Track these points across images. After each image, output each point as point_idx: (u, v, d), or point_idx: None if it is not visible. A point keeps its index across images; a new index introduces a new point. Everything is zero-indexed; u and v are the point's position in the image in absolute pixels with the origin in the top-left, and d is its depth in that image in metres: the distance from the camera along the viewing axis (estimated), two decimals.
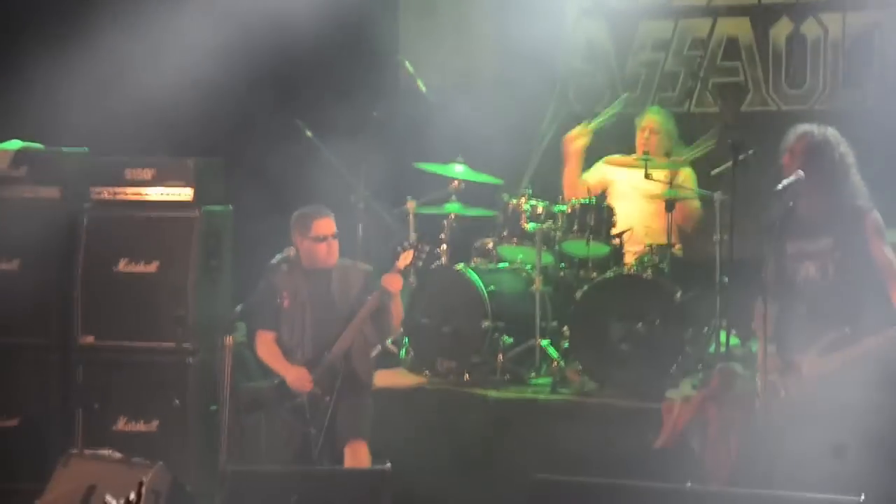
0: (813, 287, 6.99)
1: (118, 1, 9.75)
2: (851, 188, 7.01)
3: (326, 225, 7.86)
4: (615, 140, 9.96)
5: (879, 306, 6.88)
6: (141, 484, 3.62)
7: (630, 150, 9.77)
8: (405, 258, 7.81)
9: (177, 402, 8.60)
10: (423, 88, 9.88)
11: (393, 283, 7.75)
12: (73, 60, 9.39)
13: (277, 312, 7.88)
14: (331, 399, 7.75)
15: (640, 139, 9.68)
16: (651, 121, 9.68)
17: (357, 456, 7.79)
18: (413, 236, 8.71)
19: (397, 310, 7.94)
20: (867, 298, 6.93)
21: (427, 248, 8.01)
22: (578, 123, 10.08)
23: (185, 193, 8.99)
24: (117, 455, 7.63)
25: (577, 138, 9.73)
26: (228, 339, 7.77)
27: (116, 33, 9.59)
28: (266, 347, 7.94)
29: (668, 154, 9.62)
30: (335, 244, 7.88)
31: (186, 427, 8.66)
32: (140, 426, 8.83)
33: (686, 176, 9.49)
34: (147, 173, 9.03)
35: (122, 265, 8.95)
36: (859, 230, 6.91)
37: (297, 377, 7.78)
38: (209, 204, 9.08)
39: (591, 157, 9.91)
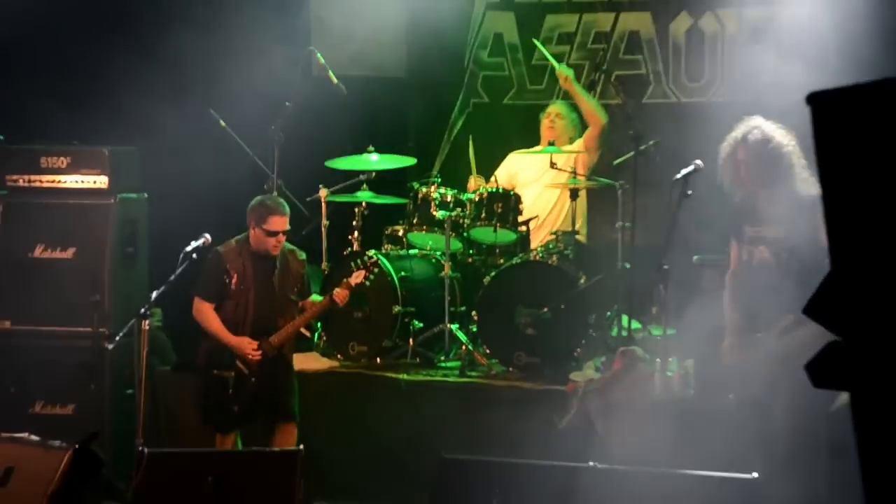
0: (768, 270, 7.07)
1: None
2: (800, 179, 7.08)
3: (281, 223, 8.09)
4: (521, 134, 10.05)
5: None
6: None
7: (535, 143, 9.85)
8: (357, 277, 8.25)
9: (93, 386, 8.55)
10: (335, 80, 9.78)
11: (341, 298, 8.20)
12: None
13: (222, 288, 8.05)
14: (256, 381, 8.00)
15: (544, 126, 9.75)
16: (555, 109, 9.78)
17: (287, 437, 8.01)
18: (366, 257, 8.93)
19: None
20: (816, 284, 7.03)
21: (377, 270, 8.55)
22: (487, 114, 10.14)
23: (100, 181, 8.99)
24: (34, 438, 7.56)
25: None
26: (144, 324, 7.67)
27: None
28: (207, 315, 8.06)
29: (571, 141, 9.68)
30: (283, 238, 8.14)
31: (102, 410, 8.62)
32: (57, 409, 8.83)
33: (584, 161, 9.53)
34: (62, 161, 9.01)
35: (39, 251, 8.93)
36: (812, 219, 6.90)
37: (241, 343, 8.00)
38: (125, 192, 9.07)
39: (498, 152, 9.98)
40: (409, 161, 9.80)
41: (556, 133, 9.65)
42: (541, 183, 9.66)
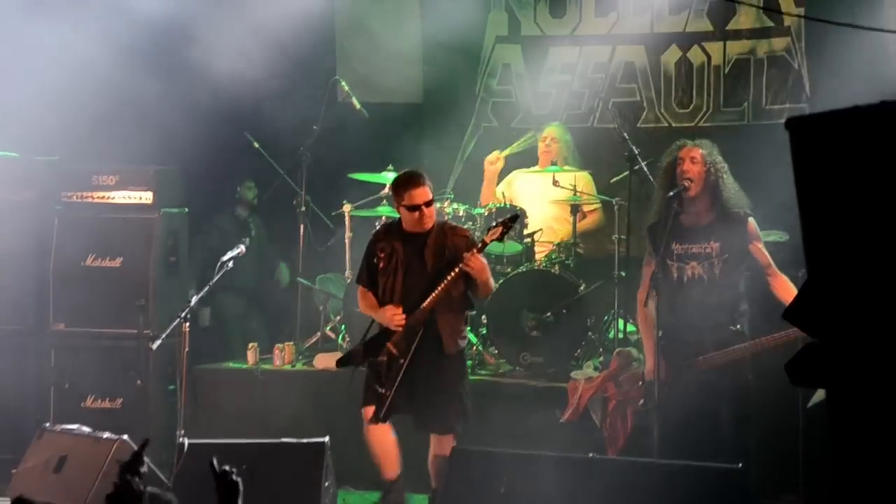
0: (698, 286, 6.96)
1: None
2: (730, 197, 7.00)
3: (420, 194, 7.01)
4: (525, 155, 9.99)
5: (760, 303, 6.97)
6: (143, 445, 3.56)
7: (533, 163, 9.83)
8: (493, 234, 7.01)
9: (139, 382, 8.53)
10: (358, 105, 9.81)
11: (470, 261, 6.89)
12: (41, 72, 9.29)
13: (372, 271, 7.21)
14: (404, 361, 7.00)
15: (541, 148, 9.72)
16: (551, 132, 9.73)
17: (440, 446, 7.12)
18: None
19: (483, 283, 7.08)
20: (747, 295, 6.99)
21: (511, 223, 7.17)
22: (496, 137, 10.18)
23: (146, 197, 9.03)
24: (86, 429, 7.60)
25: (495, 162, 9.70)
26: (185, 326, 7.65)
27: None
28: (362, 299, 7.33)
29: (566, 162, 9.65)
30: (429, 211, 7.06)
31: (147, 404, 8.60)
32: (106, 404, 8.85)
33: (585, 181, 9.49)
34: (111, 179, 9.04)
35: (90, 260, 8.96)
36: (743, 234, 6.93)
37: (389, 313, 7.04)
38: (167, 207, 9.09)
39: (504, 171, 9.92)
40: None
41: (552, 155, 9.63)
42: (543, 200, 9.59)
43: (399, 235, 7.11)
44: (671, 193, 6.99)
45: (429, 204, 7.03)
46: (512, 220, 7.05)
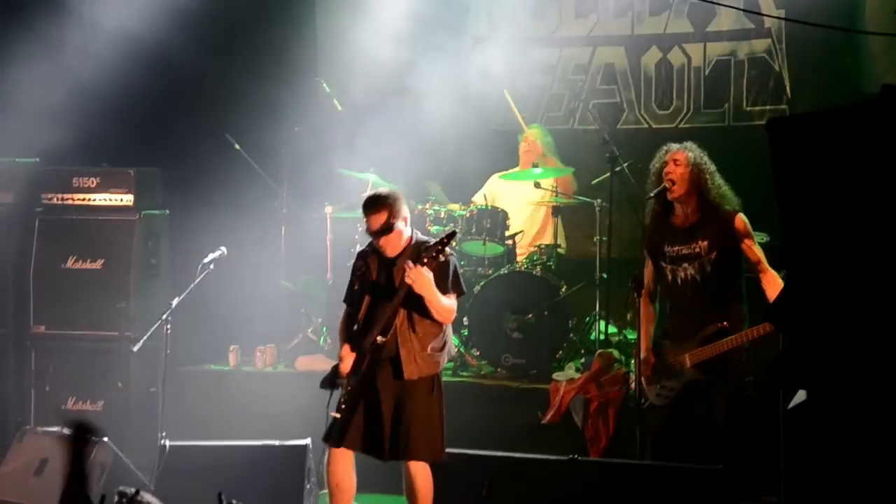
0: (691, 286, 6.97)
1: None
2: (717, 196, 7.00)
3: (373, 221, 6.47)
4: (501, 157, 10.00)
5: (750, 300, 6.96)
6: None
7: (513, 165, 9.82)
8: (433, 252, 6.37)
9: (119, 384, 8.52)
10: (339, 107, 9.82)
11: (410, 274, 6.29)
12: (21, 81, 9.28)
13: (351, 291, 6.77)
14: (352, 387, 6.47)
15: (522, 149, 9.71)
16: (532, 133, 9.73)
17: (411, 473, 6.55)
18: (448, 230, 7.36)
19: (429, 301, 6.41)
20: (739, 292, 6.99)
21: (447, 241, 6.42)
22: (477, 139, 10.14)
23: (126, 199, 9.00)
24: (66, 432, 7.55)
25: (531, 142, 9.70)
26: (166, 329, 7.65)
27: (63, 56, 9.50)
28: (340, 322, 6.85)
29: (548, 163, 9.62)
30: (388, 239, 6.47)
31: (128, 407, 8.59)
32: (87, 406, 8.80)
33: (567, 180, 9.50)
34: (92, 181, 9.01)
35: (70, 263, 8.92)
36: (732, 231, 6.93)
37: (342, 354, 6.60)
38: (148, 209, 9.07)
39: (479, 174, 9.92)
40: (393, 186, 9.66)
41: (534, 156, 9.61)
42: (525, 201, 9.60)
43: (377, 255, 6.61)
44: (651, 195, 7.04)
45: (381, 232, 6.45)
46: (449, 236, 6.42)
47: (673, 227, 7.05)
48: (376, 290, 6.57)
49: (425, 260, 6.28)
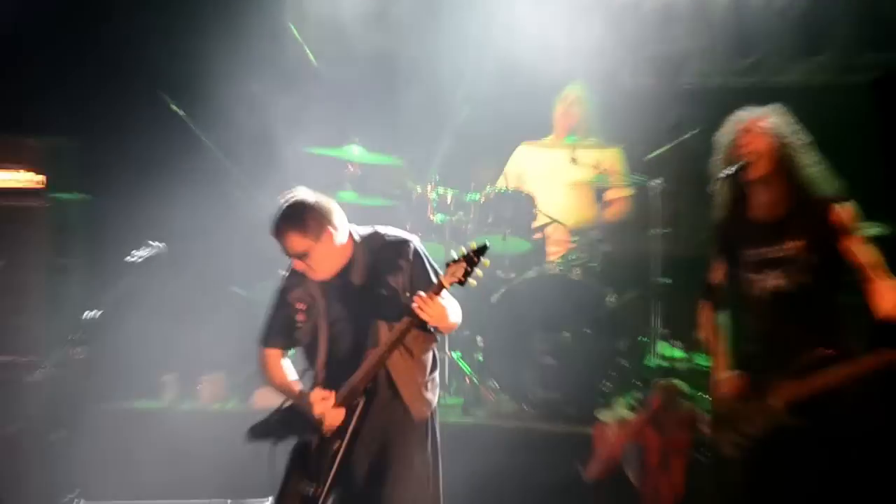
0: (782, 301, 6.72)
1: None
2: (812, 178, 6.75)
3: (287, 244, 6.32)
4: (528, 125, 9.93)
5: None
6: None
7: (546, 132, 9.81)
8: (453, 273, 6.20)
9: (15, 427, 8.42)
10: (314, 59, 9.79)
11: (424, 310, 6.11)
12: None
13: (288, 328, 6.63)
14: (341, 444, 6.31)
15: (559, 113, 9.72)
16: (572, 93, 9.72)
17: None
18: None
19: (447, 328, 6.37)
20: (843, 307, 6.75)
21: (477, 259, 6.24)
22: (497, 101, 10.04)
23: (30, 179, 8.94)
24: None
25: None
26: (78, 351, 7.55)
27: None
28: (271, 371, 6.71)
29: (588, 133, 9.60)
30: (313, 262, 6.28)
31: (26, 457, 8.45)
32: None
33: (613, 159, 9.48)
34: None
35: None
36: (829, 226, 6.65)
37: (316, 400, 6.35)
38: (60, 192, 9.05)
39: (501, 145, 9.91)
40: (396, 162, 9.71)
41: (573, 120, 9.63)
42: (559, 181, 9.54)
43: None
44: (723, 175, 6.82)
45: (304, 255, 6.25)
46: (479, 252, 6.19)
47: (753, 222, 6.84)
48: (336, 318, 6.41)
49: (446, 284, 6.14)
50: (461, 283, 6.14)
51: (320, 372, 6.37)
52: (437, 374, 6.55)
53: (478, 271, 6.11)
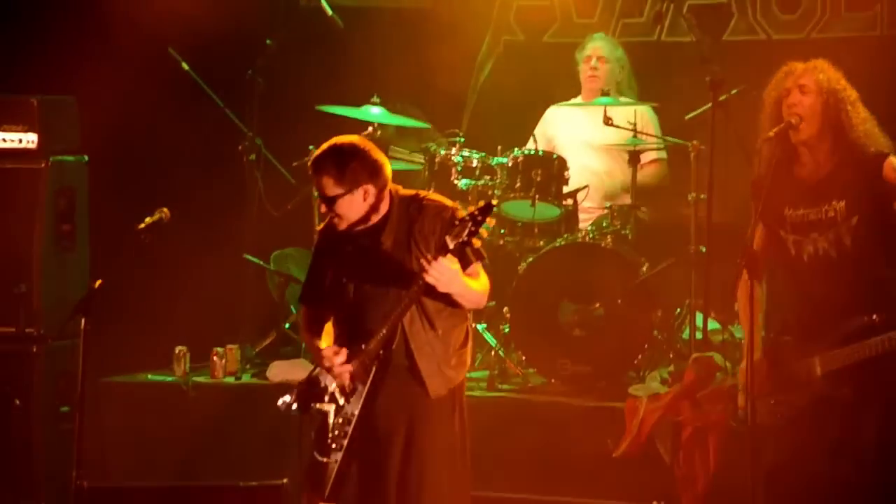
0: (825, 265, 6.86)
1: None
2: (861, 136, 6.86)
3: (319, 186, 6.49)
4: (565, 82, 10.02)
5: None
6: None
7: (575, 93, 9.88)
8: (457, 234, 6.21)
9: (17, 402, 8.54)
10: (330, 11, 9.74)
11: (431, 272, 6.20)
12: None
13: (318, 285, 6.78)
14: (353, 414, 6.42)
15: (585, 72, 9.78)
16: (595, 50, 9.75)
17: None
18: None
19: (459, 295, 6.41)
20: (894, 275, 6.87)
21: (482, 218, 6.23)
22: (523, 55, 10.23)
23: (27, 140, 8.97)
24: None
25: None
26: (84, 323, 7.36)
27: None
28: (304, 326, 6.91)
29: (621, 88, 9.70)
30: (341, 208, 6.42)
31: (30, 433, 8.58)
32: None
33: (649, 120, 9.54)
34: None
35: None
36: (879, 184, 6.77)
37: (327, 357, 6.46)
38: (59, 154, 9.05)
39: (536, 106, 9.97)
40: (421, 124, 9.81)
41: (601, 80, 9.66)
42: (591, 144, 9.64)
43: (346, 233, 6.53)
44: (770, 134, 6.90)
45: (331, 201, 6.41)
46: (484, 211, 6.24)
47: (798, 182, 6.96)
48: (362, 278, 6.50)
49: (450, 245, 6.17)
50: (465, 243, 6.18)
51: (342, 333, 6.49)
52: (465, 352, 6.59)
53: (483, 231, 6.17)
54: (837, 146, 6.87)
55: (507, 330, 9.08)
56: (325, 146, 6.49)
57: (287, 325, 9.61)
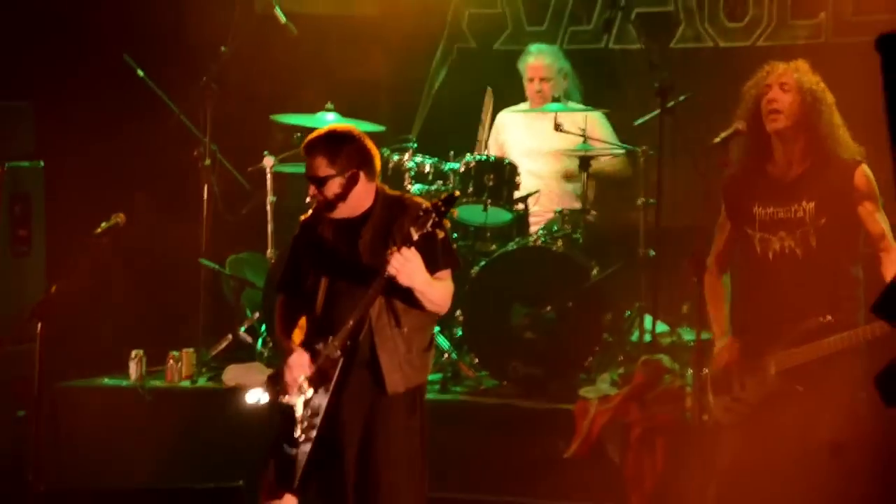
0: (789, 264, 6.91)
1: None
2: (833, 138, 6.91)
3: (308, 166, 6.52)
4: (516, 89, 10.00)
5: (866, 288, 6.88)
6: None
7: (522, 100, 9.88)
8: (422, 224, 6.19)
9: None
10: (284, 19, 9.75)
11: (393, 261, 6.19)
12: None
13: (294, 273, 6.80)
14: (306, 405, 6.42)
15: (529, 90, 9.80)
16: (536, 67, 9.76)
17: None
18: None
19: (420, 293, 6.37)
20: (854, 276, 6.93)
21: (445, 209, 6.25)
22: (473, 63, 10.23)
23: None
24: None
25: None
26: (38, 327, 7.49)
27: None
28: (277, 318, 6.84)
29: (568, 97, 9.67)
30: (327, 190, 6.46)
31: None
32: None
33: (594, 125, 9.46)
34: None
35: None
36: (849, 190, 6.84)
37: (293, 361, 6.49)
38: (15, 159, 9.10)
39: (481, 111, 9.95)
40: (375, 127, 9.68)
41: (547, 98, 9.65)
42: (542, 149, 9.67)
43: (329, 222, 6.58)
44: (718, 139, 6.94)
45: (320, 182, 6.43)
46: (447, 202, 6.25)
47: (769, 181, 7.00)
48: (337, 271, 6.51)
49: (414, 236, 6.16)
50: (429, 233, 6.16)
51: (315, 323, 6.49)
52: (429, 356, 6.60)
53: (446, 221, 6.26)
54: (810, 148, 6.90)
55: (459, 333, 9.08)
56: (320, 130, 6.55)
57: (242, 329, 9.57)
